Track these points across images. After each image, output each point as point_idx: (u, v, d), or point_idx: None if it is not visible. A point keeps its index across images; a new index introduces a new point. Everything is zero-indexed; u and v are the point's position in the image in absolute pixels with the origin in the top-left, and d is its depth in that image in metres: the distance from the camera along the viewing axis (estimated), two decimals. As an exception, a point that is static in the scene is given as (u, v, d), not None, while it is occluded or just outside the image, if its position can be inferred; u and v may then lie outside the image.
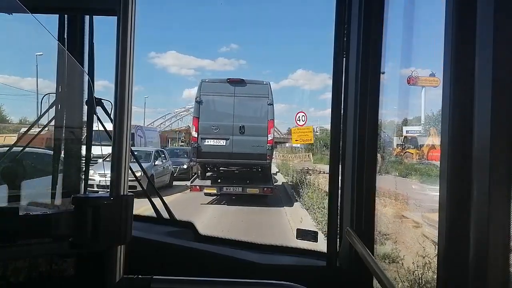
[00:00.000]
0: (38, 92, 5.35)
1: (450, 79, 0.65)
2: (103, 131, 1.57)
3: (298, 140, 13.96)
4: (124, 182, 0.98)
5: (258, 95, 10.58)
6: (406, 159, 15.40)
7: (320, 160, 28.72)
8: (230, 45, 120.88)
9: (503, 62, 0.56)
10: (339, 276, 1.42)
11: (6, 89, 6.64)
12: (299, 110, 14.07)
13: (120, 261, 0.99)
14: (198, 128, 10.47)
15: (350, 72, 1.44)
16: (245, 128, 10.40)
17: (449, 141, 0.65)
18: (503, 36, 0.56)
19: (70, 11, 1.79)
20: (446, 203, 0.64)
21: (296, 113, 14.24)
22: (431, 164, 11.95)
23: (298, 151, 35.59)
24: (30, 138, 1.84)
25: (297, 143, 15.80)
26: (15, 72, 6.88)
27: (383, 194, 7.34)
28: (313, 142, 19.63)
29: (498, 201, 0.56)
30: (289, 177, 17.31)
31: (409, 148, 16.49)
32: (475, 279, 0.59)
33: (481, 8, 0.59)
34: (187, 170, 16.64)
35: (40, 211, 1.05)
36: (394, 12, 1.56)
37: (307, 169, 18.02)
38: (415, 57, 23.92)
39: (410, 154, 15.76)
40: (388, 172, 13.50)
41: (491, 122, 0.56)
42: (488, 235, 0.56)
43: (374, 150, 1.41)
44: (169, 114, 57.80)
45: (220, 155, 10.45)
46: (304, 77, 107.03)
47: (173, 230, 1.69)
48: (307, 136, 13.68)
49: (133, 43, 0.97)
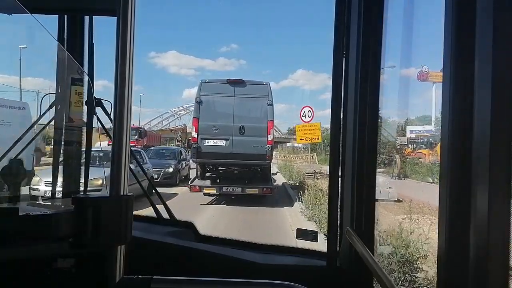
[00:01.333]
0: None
1: (450, 79, 0.65)
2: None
3: (303, 139, 12.52)
4: (124, 182, 0.98)
5: (258, 95, 10.54)
6: (418, 160, 14.77)
7: (325, 161, 25.97)
8: (230, 45, 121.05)
9: (502, 62, 0.56)
10: (339, 276, 1.42)
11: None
12: (300, 109, 12.79)
13: (120, 261, 0.99)
14: (198, 129, 10.44)
15: (350, 72, 1.44)
16: (245, 129, 10.38)
17: (449, 141, 0.65)
18: (502, 36, 0.56)
19: (69, 11, 1.79)
20: (446, 203, 0.64)
21: (301, 108, 12.83)
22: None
23: (300, 151, 34.12)
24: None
25: (302, 142, 13.51)
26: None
27: (419, 207, 6.74)
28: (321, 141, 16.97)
29: (498, 201, 0.56)
30: (293, 182, 15.50)
31: (421, 149, 15.92)
32: (475, 279, 0.59)
33: (481, 8, 0.59)
34: (172, 174, 14.07)
35: (40, 211, 1.05)
36: (394, 11, 1.56)
37: (314, 171, 15.79)
38: (415, 56, 23.86)
39: (423, 155, 15.04)
40: (408, 176, 12.64)
41: (491, 122, 0.56)
42: (488, 235, 0.56)
43: (374, 150, 1.41)
44: (167, 113, 57.19)
45: (220, 155, 10.42)
46: (304, 77, 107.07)
47: (173, 230, 1.69)
48: (314, 134, 12.17)
49: (133, 43, 0.97)
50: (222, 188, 10.57)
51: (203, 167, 11.55)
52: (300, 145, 34.55)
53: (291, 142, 55.10)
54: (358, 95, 1.37)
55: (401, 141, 15.83)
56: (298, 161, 27.17)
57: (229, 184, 10.80)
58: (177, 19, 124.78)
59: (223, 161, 10.81)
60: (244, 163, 10.82)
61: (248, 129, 10.38)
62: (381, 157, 14.21)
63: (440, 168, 0.66)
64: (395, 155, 13.83)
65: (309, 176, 14.84)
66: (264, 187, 10.61)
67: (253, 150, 10.27)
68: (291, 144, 53.45)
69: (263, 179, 11.43)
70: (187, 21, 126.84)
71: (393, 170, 12.60)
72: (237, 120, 10.44)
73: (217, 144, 10.42)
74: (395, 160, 13.00)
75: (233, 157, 10.41)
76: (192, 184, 10.91)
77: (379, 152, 11.03)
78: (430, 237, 4.48)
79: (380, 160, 14.08)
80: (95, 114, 1.72)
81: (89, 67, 1.78)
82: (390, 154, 13.97)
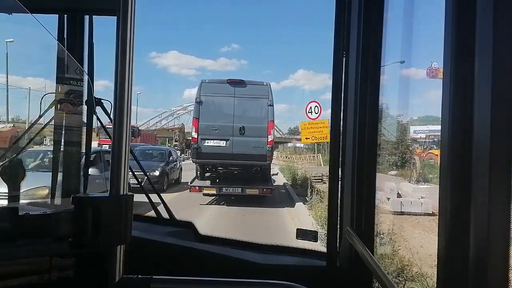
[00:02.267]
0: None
1: (450, 78, 0.65)
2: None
3: (309, 138, 11.24)
4: (124, 181, 0.98)
5: (258, 96, 10.54)
6: (429, 161, 14.14)
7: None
8: (231, 45, 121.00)
9: (502, 62, 0.56)
10: (339, 276, 1.42)
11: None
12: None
13: (120, 260, 0.99)
14: (198, 129, 10.43)
15: (350, 72, 1.44)
16: (245, 129, 10.38)
17: (449, 141, 0.65)
18: (502, 35, 0.56)
19: (69, 11, 1.79)
20: (446, 203, 0.64)
21: (307, 103, 11.44)
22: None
23: (302, 152, 32.76)
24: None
25: (308, 141, 11.97)
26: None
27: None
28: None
29: (498, 201, 0.56)
30: (298, 188, 13.37)
31: (432, 149, 15.35)
32: (475, 279, 0.59)
33: (481, 7, 0.59)
34: (159, 178, 12.42)
35: (39, 211, 1.05)
36: (394, 11, 1.56)
37: (322, 175, 14.26)
38: (415, 56, 23.82)
39: (434, 156, 14.36)
40: (428, 180, 11.14)
41: (491, 122, 0.56)
42: (488, 235, 0.56)
43: (374, 150, 1.41)
44: (166, 112, 56.02)
45: (220, 156, 10.42)
46: (305, 77, 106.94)
47: (173, 230, 1.69)
48: (322, 132, 10.84)
49: (133, 43, 0.97)
50: (222, 189, 10.55)
51: (203, 168, 11.53)
52: (302, 145, 33.24)
53: (293, 142, 54.14)
54: (358, 95, 1.37)
55: (414, 139, 15.08)
56: (301, 162, 25.89)
57: (229, 184, 10.80)
58: (178, 19, 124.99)
59: (223, 161, 10.79)
60: (245, 163, 10.81)
61: (249, 129, 10.38)
62: (393, 157, 13.48)
63: (440, 168, 0.66)
64: (413, 156, 13.01)
65: (317, 180, 13.70)
66: (264, 188, 10.59)
67: (254, 151, 10.28)
68: (293, 144, 52.48)
69: (263, 179, 11.42)
70: (188, 21, 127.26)
71: (411, 173, 11.86)
72: (237, 120, 10.44)
73: (217, 145, 10.42)
74: (414, 162, 12.30)
75: (233, 157, 10.41)
76: (192, 184, 10.91)
77: (391, 153, 10.40)
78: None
79: (392, 161, 13.32)
80: (95, 113, 1.72)
81: (89, 67, 1.78)
82: (404, 155, 13.16)
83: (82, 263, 1.14)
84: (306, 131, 11.14)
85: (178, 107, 51.44)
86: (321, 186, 11.71)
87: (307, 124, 11.18)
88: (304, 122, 11.39)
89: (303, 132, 11.35)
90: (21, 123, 17.11)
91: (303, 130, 11.38)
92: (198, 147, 10.44)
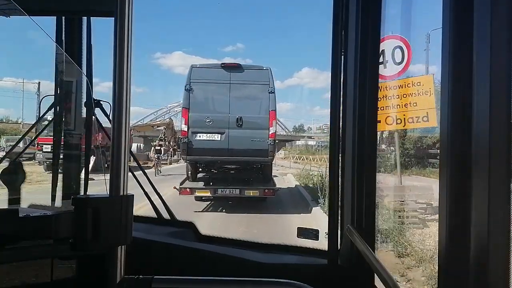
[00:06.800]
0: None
1: (448, 78, 0.65)
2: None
3: (392, 124, 5.36)
4: (123, 182, 0.98)
5: (257, 82, 8.95)
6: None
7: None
8: (236, 44, 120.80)
9: (501, 61, 0.56)
10: (341, 274, 1.42)
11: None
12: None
13: (121, 261, 0.99)
14: (188, 121, 8.81)
15: (348, 70, 1.44)
16: (243, 120, 8.83)
17: (448, 140, 0.65)
18: (501, 35, 0.56)
19: (67, 13, 1.79)
20: (446, 203, 0.64)
21: (381, 39, 3.31)
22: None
23: (316, 150, 27.11)
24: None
25: (390, 128, 5.83)
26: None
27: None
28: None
29: (498, 201, 0.56)
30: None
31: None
32: (475, 279, 0.59)
33: (479, 6, 0.59)
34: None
35: (40, 213, 1.05)
36: (391, 9, 1.56)
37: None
38: (414, 55, 23.80)
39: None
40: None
41: (490, 121, 0.56)
42: (488, 235, 0.56)
43: (374, 148, 1.41)
44: (162, 109, 51.20)
45: (214, 151, 8.86)
46: (310, 75, 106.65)
47: (174, 231, 1.69)
48: (424, 104, 5.17)
49: (131, 44, 0.97)
50: (217, 190, 9.01)
51: (195, 167, 9.97)
52: (314, 143, 29.07)
53: (301, 140, 50.32)
54: (357, 94, 1.37)
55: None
56: (316, 163, 20.73)
57: (225, 185, 9.21)
58: (183, 19, 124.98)
59: (218, 158, 9.23)
60: (243, 160, 9.33)
61: (247, 120, 8.87)
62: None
63: (440, 168, 0.66)
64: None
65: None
66: (266, 188, 9.19)
67: (253, 145, 8.78)
68: (304, 142, 48.08)
69: (264, 179, 10.08)
70: (192, 22, 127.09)
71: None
72: (234, 110, 8.89)
73: (210, 139, 8.88)
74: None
75: (229, 153, 8.90)
76: (182, 186, 9.18)
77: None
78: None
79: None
80: (94, 115, 1.72)
81: (87, 69, 1.78)
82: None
83: (83, 264, 1.14)
84: (382, 110, 5.01)
85: (174, 103, 46.27)
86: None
87: (384, 91, 5.13)
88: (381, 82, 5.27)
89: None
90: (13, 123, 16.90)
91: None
92: (189, 142, 8.81)
